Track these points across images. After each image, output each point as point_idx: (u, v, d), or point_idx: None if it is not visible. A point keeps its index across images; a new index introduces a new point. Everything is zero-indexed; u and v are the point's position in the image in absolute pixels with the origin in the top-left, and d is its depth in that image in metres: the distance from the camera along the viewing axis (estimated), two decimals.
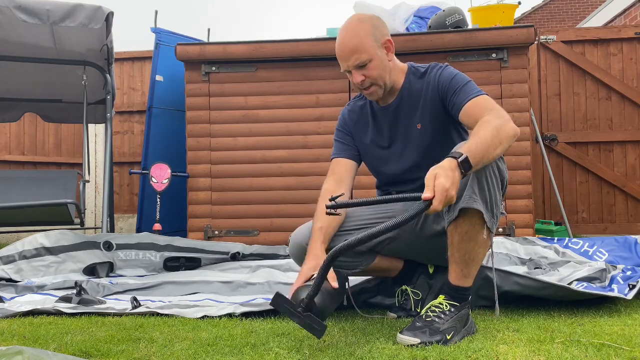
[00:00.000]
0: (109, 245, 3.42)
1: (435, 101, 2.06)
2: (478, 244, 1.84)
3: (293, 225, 2.44)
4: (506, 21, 4.42)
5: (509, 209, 3.82)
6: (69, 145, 6.71)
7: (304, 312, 1.58)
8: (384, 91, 2.07)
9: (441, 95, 2.04)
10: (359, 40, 1.99)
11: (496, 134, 1.77)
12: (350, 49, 1.99)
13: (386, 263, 2.20)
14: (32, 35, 4.22)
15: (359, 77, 2.02)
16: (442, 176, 1.62)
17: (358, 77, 2.02)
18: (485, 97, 1.94)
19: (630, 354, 1.56)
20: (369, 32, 2.01)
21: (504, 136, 1.78)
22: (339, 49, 2.04)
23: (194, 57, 4.13)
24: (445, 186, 1.60)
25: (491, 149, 1.75)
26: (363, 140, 2.20)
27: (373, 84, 2.04)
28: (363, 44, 1.99)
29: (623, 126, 5.59)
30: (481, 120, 1.83)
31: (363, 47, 1.99)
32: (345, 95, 4.02)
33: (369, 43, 2.00)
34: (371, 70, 2.01)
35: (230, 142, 4.15)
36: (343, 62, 2.03)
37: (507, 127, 1.80)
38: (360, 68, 2.01)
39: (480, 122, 1.83)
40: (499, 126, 1.79)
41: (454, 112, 1.99)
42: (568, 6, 15.76)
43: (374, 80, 2.03)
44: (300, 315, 1.57)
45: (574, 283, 2.37)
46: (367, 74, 2.01)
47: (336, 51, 2.06)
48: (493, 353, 1.59)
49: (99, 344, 1.80)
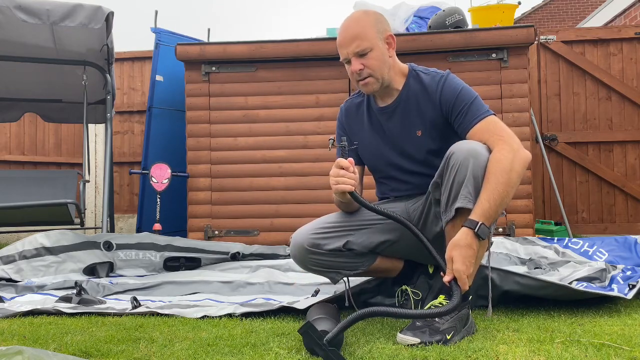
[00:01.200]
0: (109, 245, 3.42)
1: (437, 114, 2.04)
2: None
3: (293, 225, 2.44)
4: (506, 21, 4.42)
5: (509, 209, 3.81)
6: (69, 145, 6.71)
7: (330, 346, 1.60)
8: (380, 86, 2.05)
9: (444, 111, 2.02)
10: (362, 28, 1.99)
11: (509, 178, 1.81)
12: (352, 35, 1.99)
13: (387, 264, 2.20)
14: (32, 35, 4.21)
15: (357, 66, 2.00)
16: (459, 261, 1.74)
17: (357, 65, 2.00)
18: (493, 119, 1.95)
19: (630, 354, 1.56)
20: (373, 23, 2.01)
21: (516, 175, 1.83)
22: (340, 35, 2.03)
23: (194, 57, 4.13)
24: (463, 270, 1.74)
25: (506, 196, 1.80)
26: (359, 138, 2.20)
27: (370, 75, 2.01)
28: (365, 32, 1.99)
29: (623, 126, 5.59)
30: (491, 161, 1.83)
31: (365, 35, 1.98)
32: (345, 95, 4.02)
33: (371, 33, 1.99)
34: (371, 59, 1.99)
35: (230, 142, 4.15)
36: (343, 49, 2.02)
37: (518, 162, 1.84)
38: (360, 56, 1.99)
39: (490, 164, 1.83)
40: (510, 166, 1.82)
41: (460, 132, 1.99)
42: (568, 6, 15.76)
43: (372, 72, 2.01)
44: (327, 349, 1.59)
45: (574, 283, 2.36)
46: (366, 63, 1.99)
47: (337, 39, 2.04)
48: (493, 353, 1.59)
49: (99, 344, 1.80)
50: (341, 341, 1.68)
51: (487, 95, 3.84)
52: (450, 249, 1.76)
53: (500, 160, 1.82)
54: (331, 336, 1.61)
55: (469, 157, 1.80)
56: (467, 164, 1.80)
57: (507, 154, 1.83)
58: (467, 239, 1.75)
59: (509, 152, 1.84)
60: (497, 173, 1.80)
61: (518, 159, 1.85)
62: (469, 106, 1.97)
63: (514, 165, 1.83)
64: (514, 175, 1.82)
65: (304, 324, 1.68)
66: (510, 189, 1.82)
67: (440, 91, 2.03)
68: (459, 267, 1.73)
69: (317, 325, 1.68)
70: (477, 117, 1.94)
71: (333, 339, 1.61)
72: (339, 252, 2.09)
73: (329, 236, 2.10)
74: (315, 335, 1.63)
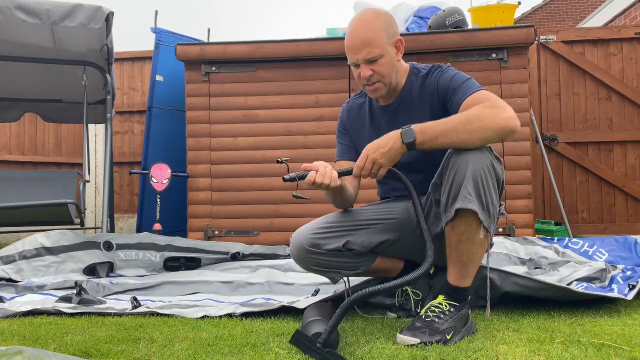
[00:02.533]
0: (109, 245, 3.43)
1: (435, 105, 2.04)
2: (475, 245, 1.84)
3: (293, 225, 2.44)
4: (506, 21, 4.42)
5: (509, 209, 3.82)
6: (69, 145, 6.71)
7: (324, 347, 1.59)
8: (388, 90, 2.05)
9: (441, 98, 2.02)
10: (373, 34, 1.97)
11: (468, 120, 1.79)
12: (363, 41, 1.97)
13: (387, 264, 2.20)
14: (32, 35, 4.22)
15: (367, 72, 1.98)
16: (371, 146, 1.81)
17: (366, 72, 1.98)
18: (484, 92, 1.91)
19: (630, 354, 1.56)
20: (384, 28, 1.99)
21: (482, 124, 1.78)
22: (350, 40, 2.00)
23: (194, 57, 4.13)
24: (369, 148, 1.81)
25: (453, 133, 1.79)
26: (360, 138, 2.20)
27: (379, 81, 2.01)
28: (377, 38, 1.97)
29: (623, 126, 5.59)
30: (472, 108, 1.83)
31: (376, 41, 1.96)
32: (345, 95, 4.02)
33: (382, 38, 1.97)
34: (381, 66, 1.98)
35: (230, 142, 4.15)
36: (353, 54, 1.99)
37: (493, 116, 1.79)
38: (370, 63, 1.98)
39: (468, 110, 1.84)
40: (478, 114, 1.80)
41: (452, 110, 1.97)
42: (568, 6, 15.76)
43: (381, 77, 2.00)
44: (322, 352, 1.58)
45: (574, 283, 2.37)
46: (376, 69, 1.98)
47: (346, 42, 2.02)
48: (493, 353, 1.59)
49: (99, 344, 1.80)
50: (337, 339, 1.67)
51: None
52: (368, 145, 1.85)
53: (473, 110, 1.82)
54: (324, 337, 1.60)
55: (469, 157, 1.79)
56: (466, 164, 1.80)
57: (485, 108, 1.81)
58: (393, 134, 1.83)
59: (487, 108, 1.81)
60: (462, 114, 1.83)
61: (495, 114, 1.79)
62: (461, 85, 1.96)
63: (483, 115, 1.79)
64: (479, 122, 1.78)
65: (293, 333, 1.67)
66: (466, 130, 1.77)
67: (437, 78, 2.03)
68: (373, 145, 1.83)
69: (310, 328, 1.68)
70: (469, 92, 1.92)
71: (327, 340, 1.60)
72: (338, 252, 2.09)
73: (328, 236, 2.10)
74: (307, 342, 1.62)
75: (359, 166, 1.85)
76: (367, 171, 1.84)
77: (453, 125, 1.79)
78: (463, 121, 1.80)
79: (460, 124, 1.79)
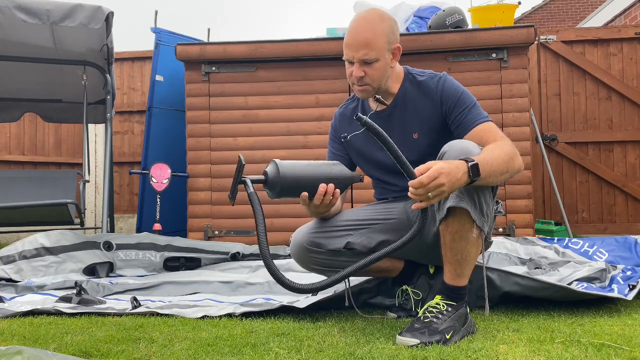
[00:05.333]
0: (109, 245, 3.42)
1: (435, 114, 2.04)
2: (469, 243, 1.84)
3: (293, 225, 2.44)
4: (506, 21, 4.42)
5: (509, 209, 3.82)
6: (69, 145, 6.71)
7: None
8: (375, 93, 2.05)
9: (444, 109, 2.03)
10: (375, 37, 1.98)
11: (508, 160, 1.83)
12: (363, 41, 1.97)
13: (387, 263, 2.20)
14: (32, 35, 4.21)
15: (359, 72, 1.99)
16: (445, 167, 1.66)
17: (358, 72, 1.99)
18: (493, 125, 1.98)
19: (630, 354, 1.56)
20: (386, 33, 2.00)
21: (512, 166, 1.85)
22: (351, 37, 2.00)
23: (194, 57, 4.13)
24: (441, 171, 1.65)
25: (498, 172, 1.80)
26: (353, 144, 2.19)
27: (369, 84, 2.02)
28: (376, 42, 1.98)
29: (623, 126, 5.59)
30: (497, 143, 1.87)
31: (375, 45, 1.97)
32: (345, 95, 4.01)
33: (382, 43, 1.98)
34: (374, 69, 1.99)
35: (230, 142, 4.15)
36: (350, 51, 2.00)
37: (518, 159, 1.87)
38: (364, 64, 1.99)
39: (496, 144, 1.86)
40: (512, 155, 1.85)
41: (458, 131, 1.99)
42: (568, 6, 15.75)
43: (371, 81, 2.01)
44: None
45: (574, 283, 2.37)
46: (368, 72, 1.99)
47: (346, 38, 2.02)
48: (493, 353, 1.59)
49: (99, 344, 1.80)
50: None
51: (487, 95, 3.84)
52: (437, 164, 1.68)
53: (505, 147, 1.86)
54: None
55: (461, 155, 1.79)
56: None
57: (512, 147, 1.87)
58: (458, 165, 1.70)
59: (512, 147, 1.87)
60: (502, 151, 1.83)
61: (518, 157, 1.88)
62: (470, 109, 1.99)
63: (515, 158, 1.86)
64: (512, 164, 1.84)
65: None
66: (505, 170, 1.81)
67: (442, 89, 2.03)
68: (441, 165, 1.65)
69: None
70: (479, 119, 1.97)
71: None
72: (339, 252, 2.09)
73: (329, 235, 2.10)
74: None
75: (422, 182, 1.64)
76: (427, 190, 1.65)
77: (501, 164, 1.80)
78: (507, 161, 1.82)
79: (504, 163, 1.81)
